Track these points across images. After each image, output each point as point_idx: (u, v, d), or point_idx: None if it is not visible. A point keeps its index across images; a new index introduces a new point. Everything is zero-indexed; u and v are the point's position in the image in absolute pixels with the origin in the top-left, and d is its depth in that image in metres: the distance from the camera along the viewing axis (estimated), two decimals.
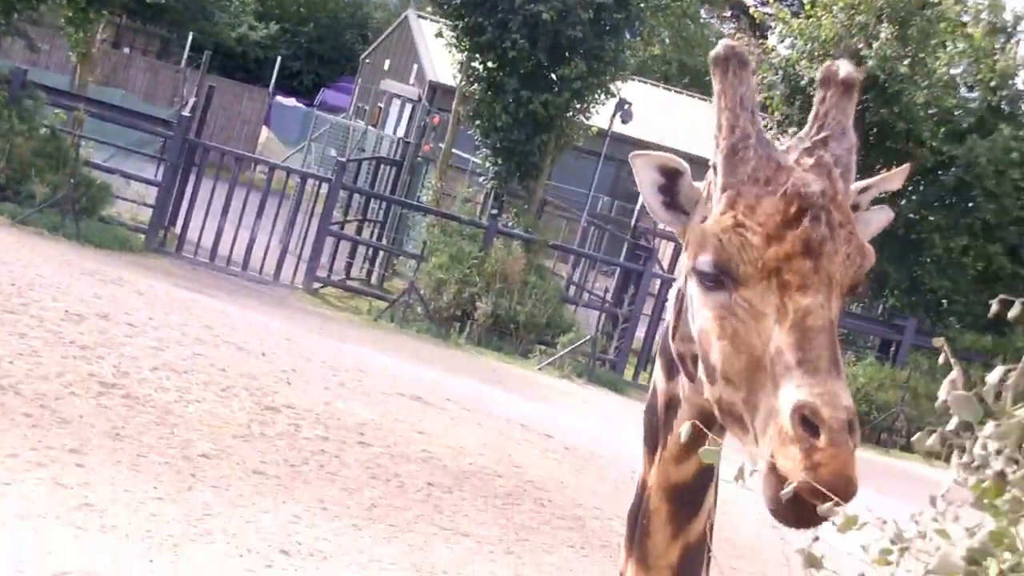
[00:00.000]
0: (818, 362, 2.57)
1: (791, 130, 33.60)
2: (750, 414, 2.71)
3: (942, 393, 2.55)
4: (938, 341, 2.63)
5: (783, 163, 2.81)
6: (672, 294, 3.16)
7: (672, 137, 46.49)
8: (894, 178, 3.03)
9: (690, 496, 3.10)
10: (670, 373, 3.15)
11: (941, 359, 2.58)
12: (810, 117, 2.93)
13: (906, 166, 3.14)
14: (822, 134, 2.85)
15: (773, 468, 2.62)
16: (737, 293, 2.75)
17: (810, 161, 2.81)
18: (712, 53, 2.88)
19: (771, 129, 34.20)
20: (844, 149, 2.84)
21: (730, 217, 2.77)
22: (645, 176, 3.03)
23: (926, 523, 2.57)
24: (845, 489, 2.51)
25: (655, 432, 3.15)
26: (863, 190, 3.04)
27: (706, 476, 3.15)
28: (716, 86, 2.90)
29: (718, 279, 2.77)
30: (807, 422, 2.52)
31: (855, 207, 2.98)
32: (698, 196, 3.03)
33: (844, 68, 2.91)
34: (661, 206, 3.04)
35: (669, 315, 3.14)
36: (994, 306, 2.72)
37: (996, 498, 2.50)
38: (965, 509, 2.62)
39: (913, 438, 2.73)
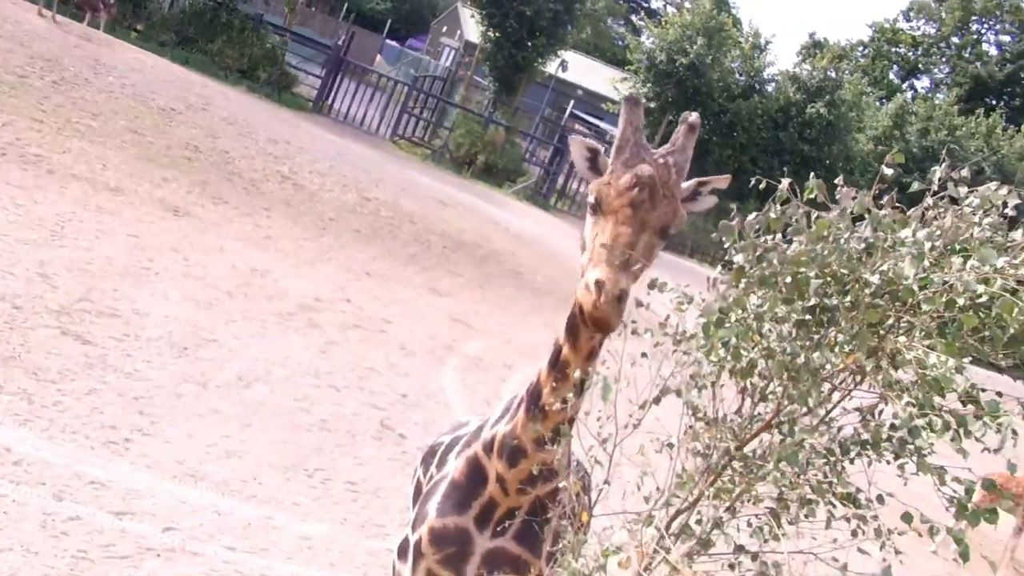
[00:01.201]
0: (613, 259, 2.53)
1: (648, 84, 33.50)
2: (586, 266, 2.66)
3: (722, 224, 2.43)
4: (735, 210, 2.49)
5: (643, 156, 2.72)
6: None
7: (587, 80, 46.04)
8: (722, 180, 2.88)
9: (589, 356, 2.92)
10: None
11: (733, 214, 2.45)
12: (672, 138, 2.78)
13: (728, 175, 2.89)
14: (672, 149, 2.75)
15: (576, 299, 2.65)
16: (600, 217, 2.68)
17: (660, 161, 2.72)
18: (624, 95, 2.82)
19: (638, 86, 33.98)
20: (683, 159, 2.75)
21: (607, 179, 2.70)
22: (577, 151, 2.87)
23: (707, 294, 2.48)
24: (607, 327, 2.55)
25: (575, 330, 2.86)
26: (703, 183, 2.88)
27: (597, 349, 2.93)
28: (623, 113, 2.76)
29: (596, 209, 2.69)
30: (598, 287, 2.50)
31: (697, 193, 2.88)
32: (606, 165, 2.83)
33: (693, 117, 2.81)
34: (587, 169, 2.86)
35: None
36: (752, 182, 2.58)
37: (738, 280, 2.40)
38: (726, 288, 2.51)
39: (713, 234, 2.64)
